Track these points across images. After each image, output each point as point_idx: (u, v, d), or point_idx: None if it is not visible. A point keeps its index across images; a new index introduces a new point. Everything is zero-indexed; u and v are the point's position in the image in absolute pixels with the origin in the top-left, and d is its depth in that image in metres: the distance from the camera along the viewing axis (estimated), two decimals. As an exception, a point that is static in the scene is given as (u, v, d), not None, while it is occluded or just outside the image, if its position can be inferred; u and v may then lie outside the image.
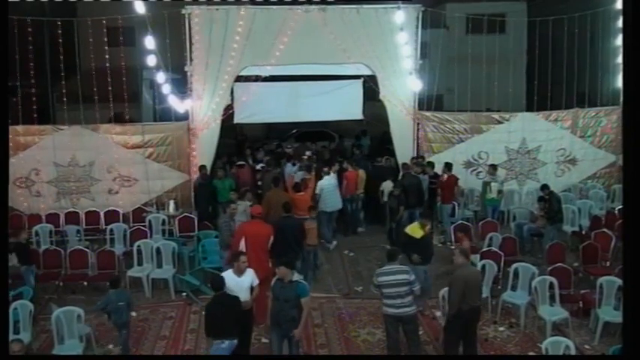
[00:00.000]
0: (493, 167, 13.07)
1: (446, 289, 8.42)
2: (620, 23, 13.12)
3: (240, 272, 7.66)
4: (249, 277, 7.74)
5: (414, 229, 9.44)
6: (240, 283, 7.61)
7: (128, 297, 8.35)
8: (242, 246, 8.94)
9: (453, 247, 11.08)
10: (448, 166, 12.83)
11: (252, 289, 7.78)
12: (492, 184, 12.80)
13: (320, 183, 12.39)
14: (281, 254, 9.59)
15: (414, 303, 7.66)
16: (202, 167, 12.75)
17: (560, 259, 9.86)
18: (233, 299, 7.34)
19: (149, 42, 11.77)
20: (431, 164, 13.13)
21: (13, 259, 9.52)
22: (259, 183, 13.70)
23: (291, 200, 11.00)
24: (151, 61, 11.97)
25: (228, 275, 7.64)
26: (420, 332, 8.37)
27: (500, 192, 12.81)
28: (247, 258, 8.78)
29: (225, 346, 7.15)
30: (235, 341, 7.25)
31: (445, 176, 12.73)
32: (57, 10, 15.74)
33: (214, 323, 7.22)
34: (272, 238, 9.10)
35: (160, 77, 12.44)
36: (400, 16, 12.63)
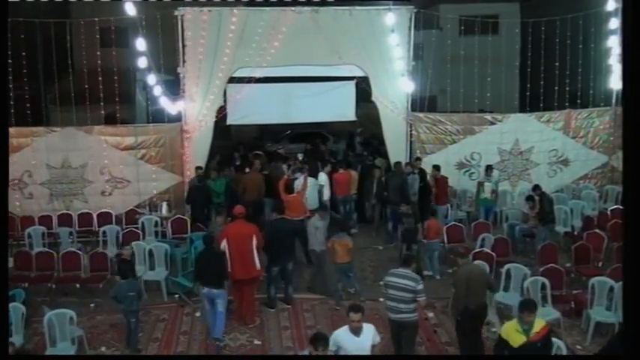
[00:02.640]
0: (489, 168, 13.13)
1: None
2: (611, 24, 13.24)
3: (356, 331, 6.13)
4: (370, 334, 6.25)
5: (511, 332, 6.30)
6: (359, 343, 6.13)
7: (138, 287, 8.83)
8: (223, 246, 8.97)
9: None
10: (436, 168, 12.90)
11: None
12: (486, 184, 12.87)
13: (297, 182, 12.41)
14: (275, 257, 9.63)
15: (416, 311, 7.48)
16: (198, 168, 12.70)
17: (552, 259, 9.88)
18: (219, 255, 8.64)
19: (141, 43, 11.77)
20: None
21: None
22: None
23: (284, 202, 10.99)
24: (143, 62, 11.96)
25: (344, 334, 6.17)
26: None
27: (494, 192, 12.87)
28: (230, 259, 8.84)
29: (207, 292, 8.45)
30: (222, 290, 8.43)
31: (434, 178, 12.79)
32: (50, 11, 15.67)
33: (201, 273, 8.63)
34: (255, 239, 9.06)
35: (151, 79, 12.42)
36: (391, 17, 12.63)
